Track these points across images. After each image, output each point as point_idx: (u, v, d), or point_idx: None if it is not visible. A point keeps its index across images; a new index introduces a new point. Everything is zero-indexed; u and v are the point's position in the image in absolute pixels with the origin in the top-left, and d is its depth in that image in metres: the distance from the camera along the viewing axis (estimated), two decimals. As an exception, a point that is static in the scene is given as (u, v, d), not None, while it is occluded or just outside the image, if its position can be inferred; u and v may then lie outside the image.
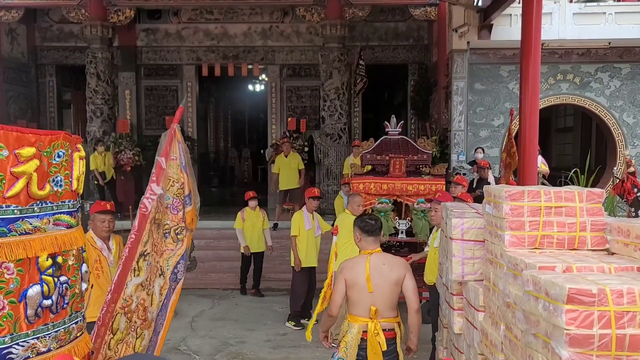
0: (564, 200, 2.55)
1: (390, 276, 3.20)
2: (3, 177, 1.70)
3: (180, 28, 12.58)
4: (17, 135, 1.73)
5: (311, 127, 12.12)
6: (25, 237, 1.74)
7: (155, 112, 12.85)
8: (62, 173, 1.89)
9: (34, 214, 1.78)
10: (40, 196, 1.79)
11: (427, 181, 6.54)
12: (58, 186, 1.87)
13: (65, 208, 1.90)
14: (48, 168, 1.82)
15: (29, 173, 1.75)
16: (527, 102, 7.16)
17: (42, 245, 1.79)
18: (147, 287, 2.54)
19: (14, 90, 12.05)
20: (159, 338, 2.73)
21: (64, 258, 1.88)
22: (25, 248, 1.73)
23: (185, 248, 2.83)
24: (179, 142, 2.73)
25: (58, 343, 1.87)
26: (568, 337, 1.76)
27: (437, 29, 11.05)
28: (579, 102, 10.43)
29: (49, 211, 1.84)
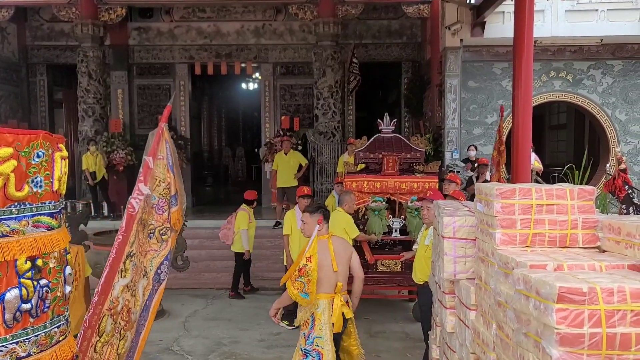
0: (556, 198, 2.53)
1: (345, 255, 3.88)
2: None
3: (173, 26, 12.51)
4: None
5: (305, 126, 12.10)
6: (2, 240, 1.69)
7: (148, 112, 12.78)
8: (42, 173, 1.84)
9: (12, 216, 1.73)
10: (19, 197, 1.74)
11: (420, 179, 6.52)
12: (38, 187, 1.82)
13: (45, 209, 1.85)
14: (27, 169, 1.77)
15: (5, 174, 1.70)
16: (520, 100, 7.17)
17: (21, 247, 1.74)
18: (131, 289, 2.51)
19: (5, 89, 11.95)
20: (140, 339, 2.69)
21: (45, 261, 1.83)
22: (3, 251, 1.68)
23: (169, 249, 2.79)
24: (167, 141, 2.70)
25: (39, 347, 1.83)
26: (558, 336, 1.74)
27: (430, 26, 11.04)
28: (572, 99, 10.45)
29: (27, 213, 1.79)
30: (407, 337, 5.98)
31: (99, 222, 9.62)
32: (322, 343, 3.67)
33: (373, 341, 5.91)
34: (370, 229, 6.41)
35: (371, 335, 6.10)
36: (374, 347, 5.71)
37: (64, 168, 1.95)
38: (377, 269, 6.64)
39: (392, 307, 7.06)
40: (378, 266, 6.64)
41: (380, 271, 6.65)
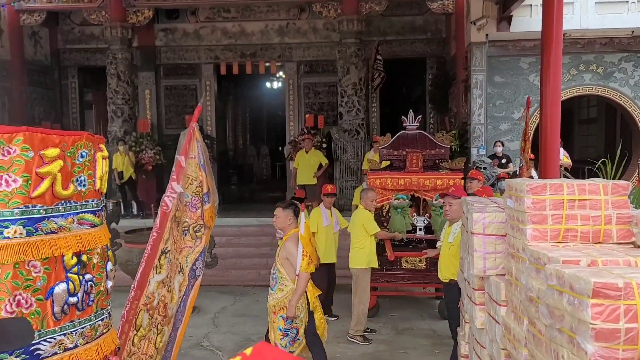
0: (588, 193, 2.50)
1: None
2: (29, 177, 1.73)
3: (198, 27, 12.68)
4: (42, 136, 1.78)
5: (329, 124, 12.12)
6: (51, 236, 1.78)
7: (175, 112, 12.99)
8: (86, 173, 1.94)
9: (59, 214, 1.82)
10: (65, 196, 1.83)
11: (444, 176, 6.46)
12: (82, 186, 1.91)
13: (89, 207, 1.94)
14: (72, 168, 1.86)
15: (53, 173, 1.78)
16: (548, 94, 7.03)
17: (67, 244, 1.82)
18: (167, 284, 2.58)
19: (38, 92, 12.29)
20: (177, 334, 2.77)
21: (89, 256, 1.92)
22: (51, 247, 1.77)
23: (204, 245, 2.86)
24: (198, 140, 2.78)
25: (85, 339, 1.91)
26: (594, 331, 1.73)
27: (455, 21, 10.93)
28: (603, 92, 10.23)
29: (73, 210, 1.87)
30: (435, 334, 5.96)
31: (129, 221, 9.82)
32: (299, 320, 4.08)
33: (400, 338, 5.92)
34: (392, 227, 6.36)
35: (398, 332, 6.11)
36: (401, 344, 5.72)
37: (104, 167, 2.05)
38: (401, 266, 6.64)
39: (418, 305, 7.04)
40: (402, 263, 6.63)
41: (404, 268, 6.63)
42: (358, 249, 5.82)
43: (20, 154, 1.70)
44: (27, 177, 1.72)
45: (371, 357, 5.42)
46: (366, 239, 5.79)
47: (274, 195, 12.62)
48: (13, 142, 1.72)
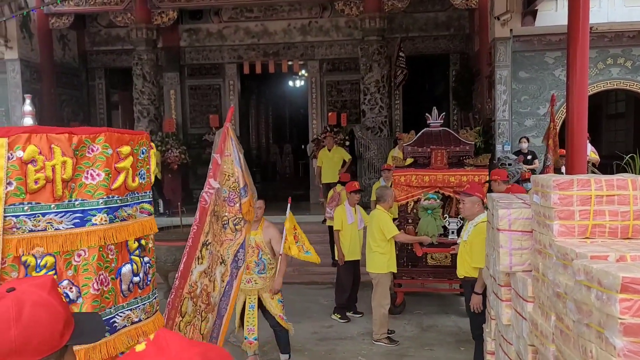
0: (616, 189, 2.48)
1: None
2: (109, 171, 1.96)
3: (222, 27, 12.82)
4: (118, 136, 2.02)
5: (352, 121, 12.14)
6: (124, 223, 2.05)
7: (200, 111, 13.17)
8: (145, 167, 2.22)
9: (128, 203, 2.08)
10: (133, 188, 2.10)
11: (469, 172, 6.42)
12: (142, 179, 2.18)
13: (146, 198, 2.21)
14: (136, 163, 2.13)
15: (127, 168, 2.05)
16: (575, 89, 6.92)
17: (134, 230, 2.08)
18: (209, 274, 2.71)
19: (67, 93, 12.61)
20: (223, 321, 2.93)
21: (146, 241, 2.17)
22: (125, 232, 2.03)
23: (244, 237, 2.99)
24: (232, 139, 2.88)
25: (146, 315, 2.16)
26: (622, 326, 1.73)
27: (479, 17, 10.83)
28: (631, 86, 10.01)
29: (136, 200, 2.13)
30: (460, 331, 5.95)
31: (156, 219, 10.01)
32: None
33: (425, 335, 5.93)
34: (422, 230, 6.18)
35: (423, 329, 6.11)
36: (426, 341, 5.73)
37: (154, 163, 2.37)
38: (426, 263, 6.62)
39: (443, 301, 7.03)
40: (428, 260, 6.61)
41: (430, 265, 6.62)
42: (379, 253, 5.62)
43: (102, 151, 1.96)
44: (108, 172, 1.96)
45: (397, 354, 5.44)
46: (386, 243, 5.60)
47: (297, 192, 12.69)
48: (96, 141, 1.96)
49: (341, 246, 6.34)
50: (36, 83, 11.46)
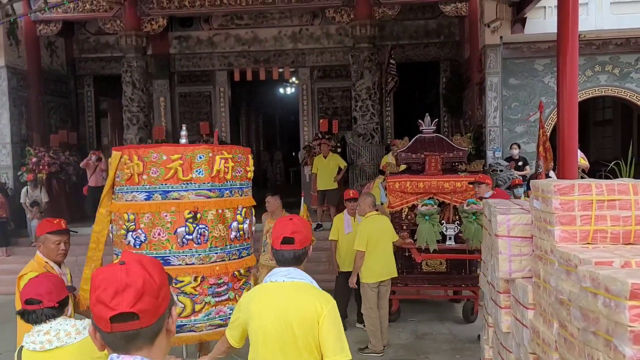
0: (618, 193, 2.46)
1: None
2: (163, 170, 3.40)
3: (212, 34, 12.78)
4: (168, 148, 3.47)
5: (343, 128, 12.13)
6: (177, 201, 3.41)
7: (190, 119, 13.08)
8: (204, 167, 3.44)
9: (182, 189, 3.42)
10: (184, 180, 3.40)
11: (463, 178, 6.42)
12: (199, 174, 3.44)
13: (205, 187, 3.46)
14: (191, 164, 3.42)
15: (175, 167, 3.38)
16: (565, 96, 6.97)
17: (185, 205, 3.40)
18: None
19: (55, 101, 12.46)
20: None
21: (202, 214, 3.42)
22: (175, 206, 3.39)
23: None
24: None
25: (200, 261, 3.44)
26: (632, 334, 1.69)
27: (469, 24, 10.90)
28: (619, 93, 10.13)
29: (191, 188, 3.43)
30: (455, 339, 5.91)
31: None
32: None
33: (420, 342, 5.88)
34: (420, 237, 6.05)
35: (418, 336, 6.07)
36: (421, 349, 5.68)
37: (223, 164, 3.51)
38: (421, 269, 6.57)
39: (438, 308, 7.00)
40: (423, 266, 6.57)
41: (425, 271, 6.57)
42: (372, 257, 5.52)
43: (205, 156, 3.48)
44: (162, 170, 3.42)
45: (391, 362, 5.39)
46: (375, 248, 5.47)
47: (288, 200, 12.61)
48: (202, 150, 3.52)
49: (336, 256, 6.21)
50: (23, 90, 11.31)
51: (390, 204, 6.45)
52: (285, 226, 2.41)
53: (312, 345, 2.27)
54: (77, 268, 3.79)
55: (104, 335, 1.21)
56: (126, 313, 1.17)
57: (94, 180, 10.73)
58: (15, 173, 10.71)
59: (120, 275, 1.19)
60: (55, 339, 2.25)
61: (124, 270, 1.20)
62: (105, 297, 1.18)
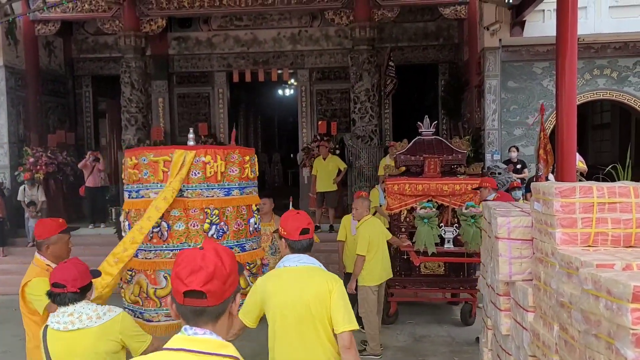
0: (618, 196, 2.45)
1: None
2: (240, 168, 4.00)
3: (211, 35, 12.77)
4: (244, 149, 4.11)
5: (342, 130, 12.13)
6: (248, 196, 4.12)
7: (188, 119, 13.07)
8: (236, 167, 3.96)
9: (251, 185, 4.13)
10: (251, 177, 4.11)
11: (462, 181, 6.42)
12: (253, 173, 4.15)
13: (254, 185, 4.17)
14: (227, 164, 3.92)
15: (247, 167, 4.06)
16: (564, 99, 6.97)
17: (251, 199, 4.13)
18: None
19: (53, 101, 12.42)
20: None
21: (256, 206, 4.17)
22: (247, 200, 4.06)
23: None
24: None
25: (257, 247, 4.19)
26: (634, 337, 1.69)
27: (468, 27, 10.92)
28: (617, 97, 10.14)
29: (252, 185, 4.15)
30: (453, 341, 5.90)
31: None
32: None
33: (419, 345, 5.86)
34: (419, 239, 6.03)
35: (416, 339, 6.05)
36: (419, 352, 5.67)
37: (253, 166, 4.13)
38: (420, 272, 6.56)
39: (436, 311, 6.98)
40: (421, 268, 6.56)
41: (423, 274, 6.57)
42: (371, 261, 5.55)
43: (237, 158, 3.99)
44: (239, 169, 4.00)
45: (390, 364, 5.37)
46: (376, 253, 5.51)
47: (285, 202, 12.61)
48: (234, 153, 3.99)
49: (342, 257, 6.15)
50: (21, 90, 11.27)
51: (388, 206, 6.44)
52: (300, 219, 2.80)
53: (324, 318, 2.62)
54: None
55: (178, 307, 1.43)
56: (196, 291, 1.38)
57: (91, 180, 10.70)
58: (13, 173, 10.68)
59: (197, 258, 1.41)
60: (78, 321, 2.50)
61: (201, 255, 1.42)
62: (182, 274, 1.40)
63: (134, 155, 3.92)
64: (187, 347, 1.39)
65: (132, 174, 3.89)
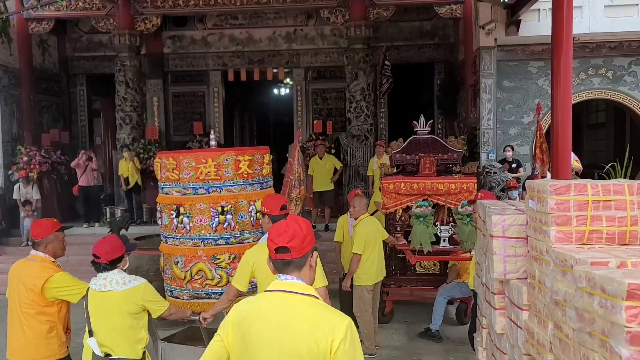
0: (613, 194, 2.44)
1: None
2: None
3: (206, 34, 12.73)
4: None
5: (337, 129, 12.12)
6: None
7: (183, 118, 13.02)
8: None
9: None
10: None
11: (458, 180, 6.42)
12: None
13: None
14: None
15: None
16: (559, 99, 6.98)
17: None
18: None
19: (47, 100, 12.35)
20: None
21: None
22: None
23: (299, 210, 5.62)
24: (298, 150, 5.24)
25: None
26: (629, 334, 1.67)
27: (464, 26, 10.92)
28: (612, 96, 10.17)
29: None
30: (448, 340, 5.89)
31: (138, 228, 9.82)
32: None
33: (414, 344, 5.86)
34: (415, 238, 5.98)
35: (411, 338, 6.04)
36: (415, 350, 5.66)
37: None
38: (415, 271, 6.55)
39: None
40: (416, 267, 6.54)
41: (418, 272, 6.56)
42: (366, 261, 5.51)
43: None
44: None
45: (385, 363, 5.36)
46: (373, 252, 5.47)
47: (282, 201, 12.58)
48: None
49: (341, 258, 6.08)
50: (15, 89, 11.20)
51: (384, 205, 6.43)
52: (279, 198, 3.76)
53: None
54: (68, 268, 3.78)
55: (272, 262, 1.95)
56: (283, 247, 1.90)
57: (84, 180, 10.64)
58: (6, 172, 10.60)
59: (283, 225, 1.96)
60: (109, 284, 3.14)
61: (285, 223, 1.97)
62: (273, 236, 1.93)
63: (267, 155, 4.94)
64: (280, 289, 1.91)
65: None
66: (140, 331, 3.21)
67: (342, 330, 1.78)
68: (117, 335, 3.15)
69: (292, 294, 1.87)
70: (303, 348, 1.77)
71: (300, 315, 1.83)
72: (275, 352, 1.81)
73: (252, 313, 1.90)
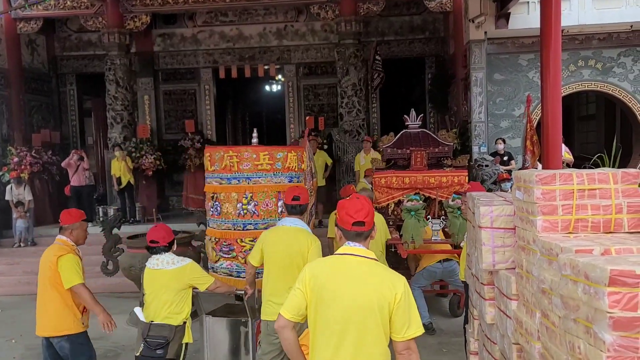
0: (598, 182, 2.47)
1: None
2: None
3: (196, 31, 12.67)
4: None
5: (329, 125, 12.11)
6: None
7: (175, 116, 12.97)
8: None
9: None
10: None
11: (449, 173, 6.45)
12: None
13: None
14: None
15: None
16: (548, 91, 7.01)
17: None
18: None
19: (37, 100, 12.25)
20: None
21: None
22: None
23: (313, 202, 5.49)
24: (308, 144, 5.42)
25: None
26: (612, 320, 1.70)
27: (453, 20, 10.93)
28: (602, 88, 10.21)
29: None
30: (442, 333, 5.92)
31: (130, 227, 9.79)
32: None
33: (407, 337, 5.87)
34: (406, 232, 5.96)
35: (405, 331, 6.06)
36: (408, 343, 5.67)
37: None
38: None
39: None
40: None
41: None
42: None
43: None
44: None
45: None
46: None
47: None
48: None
49: None
50: (4, 89, 11.12)
51: (376, 200, 6.44)
52: (293, 189, 4.06)
53: (301, 264, 3.65)
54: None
55: (344, 232, 2.43)
56: (360, 221, 2.38)
57: (76, 179, 10.59)
58: (-3, 173, 10.54)
59: (358, 203, 2.42)
60: (161, 264, 3.77)
61: (360, 202, 2.44)
62: (351, 212, 2.39)
63: None
64: (349, 252, 2.40)
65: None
66: (183, 305, 3.79)
67: (402, 285, 2.36)
68: (163, 306, 3.74)
69: (360, 257, 2.39)
70: (373, 299, 2.30)
71: (369, 274, 2.36)
72: (350, 301, 2.31)
73: (328, 270, 2.41)
